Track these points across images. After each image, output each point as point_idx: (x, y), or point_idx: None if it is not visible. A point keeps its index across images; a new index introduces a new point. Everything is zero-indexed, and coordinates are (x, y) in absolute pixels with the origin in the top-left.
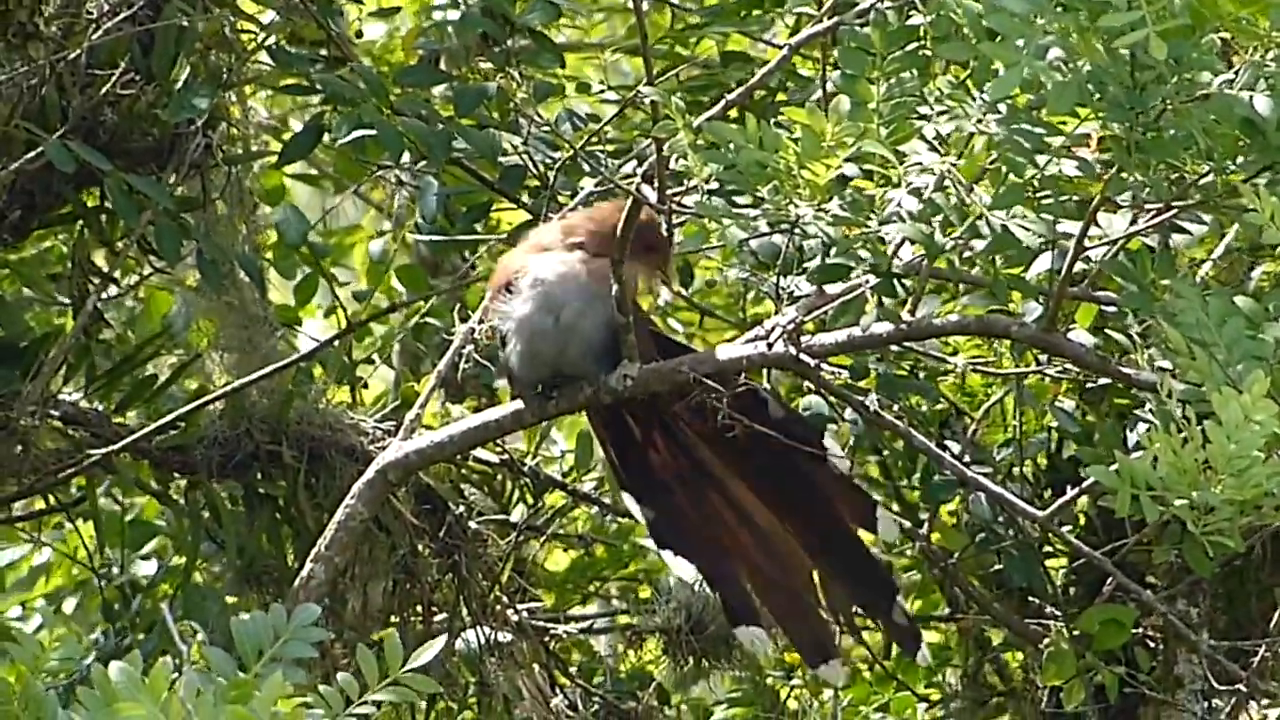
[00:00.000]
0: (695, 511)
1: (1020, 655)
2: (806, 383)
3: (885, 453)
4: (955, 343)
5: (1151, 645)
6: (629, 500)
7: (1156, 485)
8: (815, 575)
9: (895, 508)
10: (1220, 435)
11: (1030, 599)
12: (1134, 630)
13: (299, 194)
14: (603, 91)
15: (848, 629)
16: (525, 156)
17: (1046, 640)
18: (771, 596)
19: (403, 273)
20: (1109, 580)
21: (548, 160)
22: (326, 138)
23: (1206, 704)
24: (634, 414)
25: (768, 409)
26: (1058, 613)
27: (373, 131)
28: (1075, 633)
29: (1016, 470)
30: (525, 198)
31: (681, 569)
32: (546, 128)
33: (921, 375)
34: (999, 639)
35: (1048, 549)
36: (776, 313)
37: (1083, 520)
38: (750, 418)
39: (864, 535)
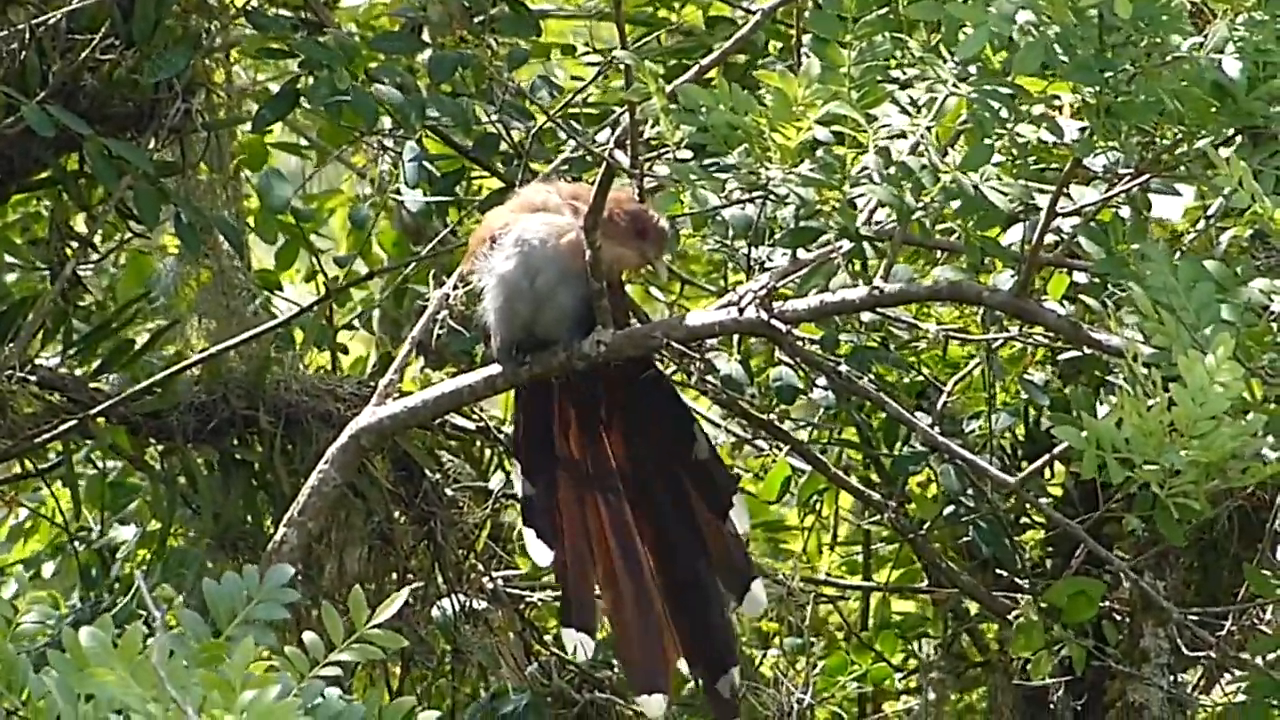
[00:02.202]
0: (575, 506)
1: (996, 626)
2: (778, 351)
3: (861, 420)
4: (934, 312)
5: (1119, 619)
6: (515, 471)
7: (1123, 448)
8: (664, 614)
9: (874, 477)
10: (1186, 397)
11: (1001, 571)
12: (1102, 604)
13: (281, 159)
14: (587, 53)
15: (688, 671)
16: (499, 125)
17: (1015, 612)
18: (618, 613)
19: (385, 238)
20: (1078, 553)
21: (521, 129)
22: (303, 102)
23: (1173, 677)
24: (570, 396)
25: (694, 445)
26: (1026, 585)
27: (347, 98)
28: (1044, 605)
29: (991, 441)
30: (500, 165)
31: (538, 553)
32: (519, 96)
33: (893, 347)
34: (976, 610)
35: (1024, 520)
36: (748, 280)
37: (1060, 493)
38: (675, 447)
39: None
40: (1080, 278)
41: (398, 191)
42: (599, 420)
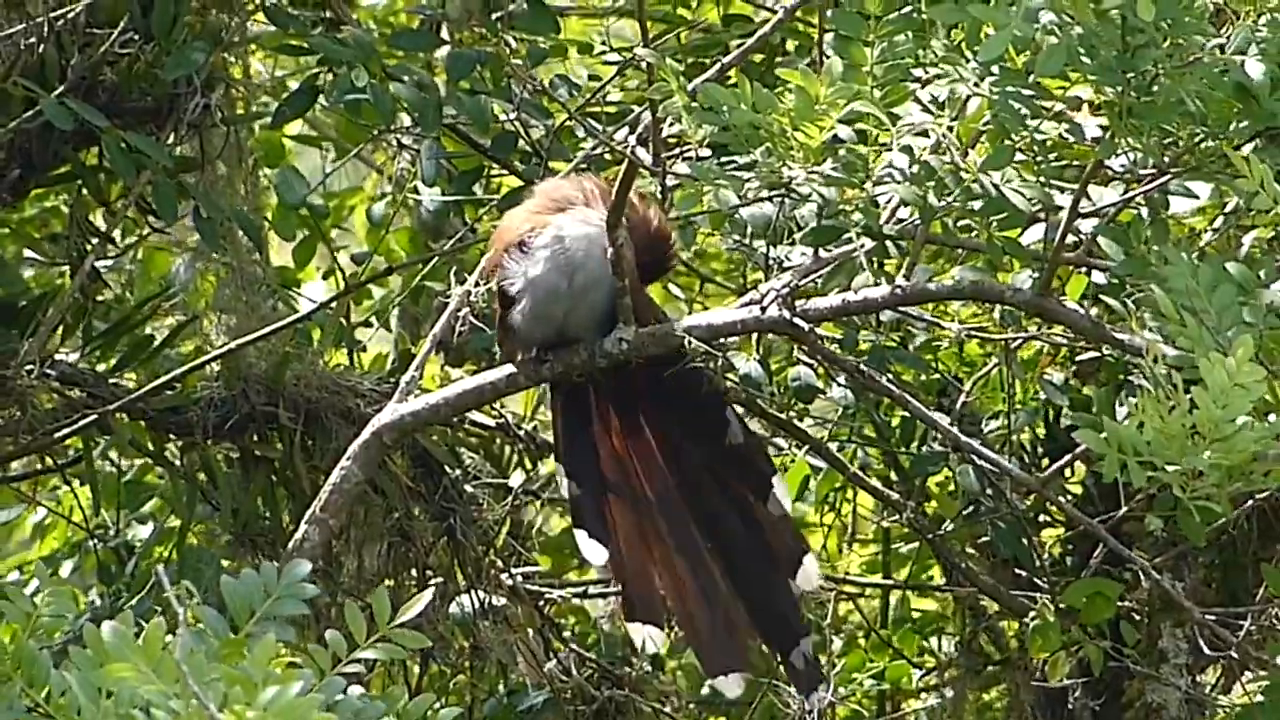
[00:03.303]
0: (624, 501)
1: (1015, 624)
2: (797, 349)
3: (880, 419)
4: (953, 311)
5: (1137, 619)
6: (560, 473)
7: (1144, 451)
8: (728, 595)
9: (893, 476)
10: (1207, 400)
11: (1020, 570)
12: (1120, 604)
13: (299, 155)
14: (604, 53)
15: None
16: (517, 124)
17: (1032, 613)
18: (681, 600)
19: (402, 236)
20: (1097, 551)
21: (539, 127)
22: (322, 99)
23: (1191, 678)
24: (606, 394)
25: (729, 430)
26: (1045, 584)
27: (365, 96)
28: (1061, 606)
29: (1011, 439)
30: (519, 164)
31: (593, 552)
32: (537, 93)
33: (913, 347)
34: (995, 608)
35: (1043, 518)
36: (768, 279)
37: (1080, 491)
38: (711, 436)
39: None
40: (1099, 277)
41: (416, 189)
42: (636, 414)
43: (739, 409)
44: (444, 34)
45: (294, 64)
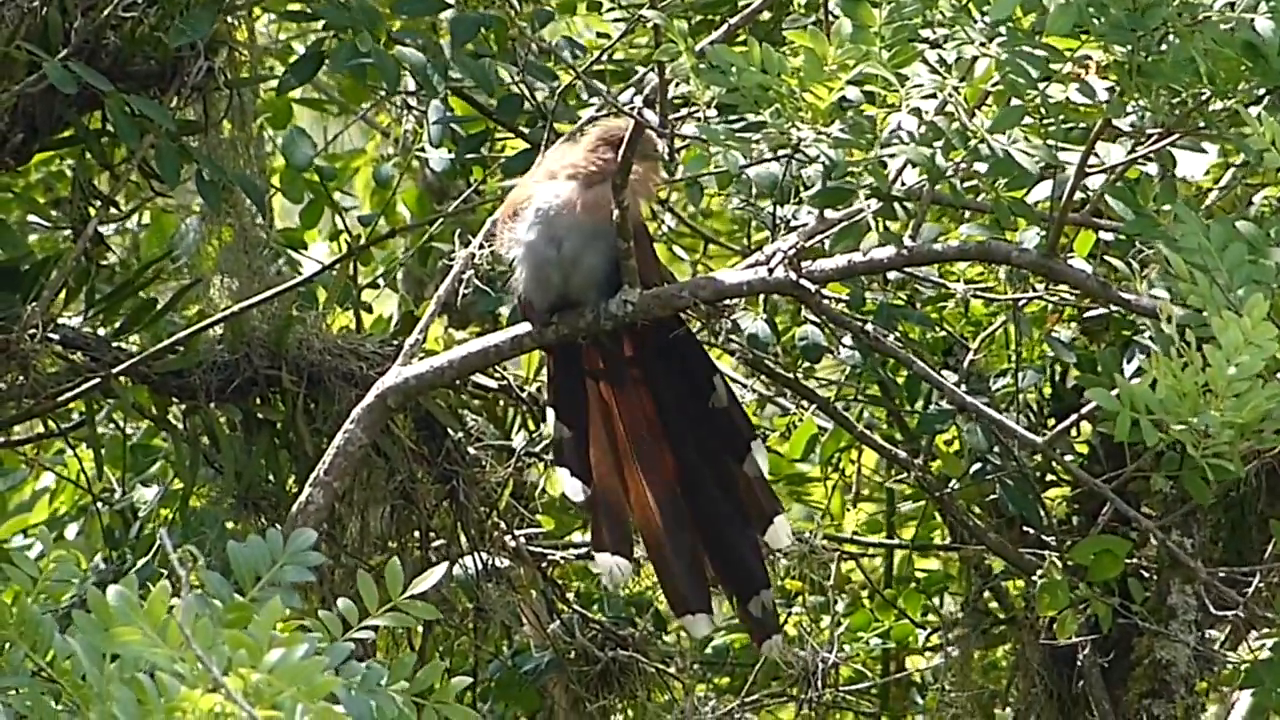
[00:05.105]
0: (606, 444)
1: (1021, 583)
2: (804, 310)
3: (887, 378)
4: (959, 271)
5: (1145, 576)
6: (550, 415)
7: (1156, 409)
8: (696, 541)
9: (899, 435)
10: (1220, 359)
11: (1028, 529)
12: (1128, 561)
13: (304, 118)
14: (613, 9)
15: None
16: (521, 86)
17: (1040, 571)
18: (653, 540)
19: (409, 196)
20: (1105, 510)
21: (545, 88)
22: (327, 64)
23: (1200, 634)
24: (598, 347)
25: (714, 394)
26: (1053, 542)
27: (370, 60)
28: (1069, 564)
29: (1018, 398)
30: (524, 126)
31: (572, 489)
32: (542, 55)
33: (919, 305)
34: (1000, 566)
35: (1050, 478)
36: (773, 240)
37: (1086, 450)
38: (696, 396)
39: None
40: (1105, 236)
41: (422, 150)
42: (626, 367)
43: (726, 374)
44: None
45: (298, 27)
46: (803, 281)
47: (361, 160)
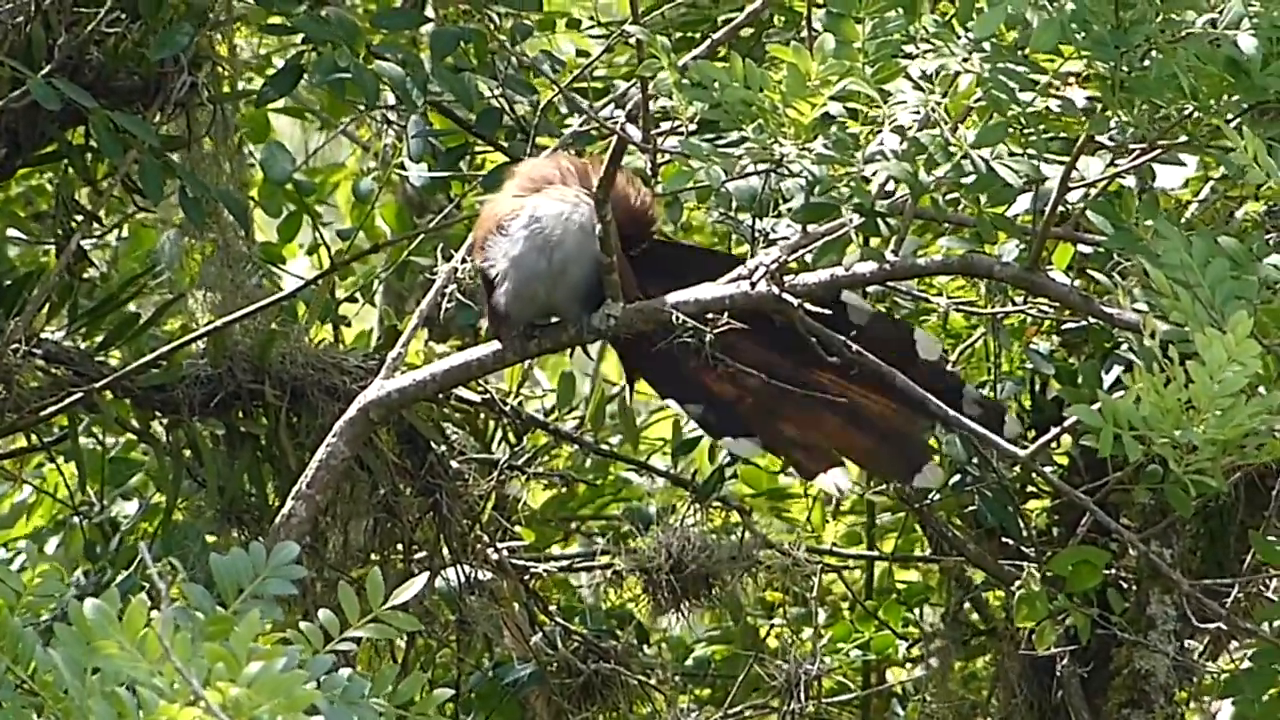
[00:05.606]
0: (734, 388)
1: (1001, 594)
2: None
3: None
4: (939, 284)
5: (1124, 587)
6: (673, 404)
7: (1139, 425)
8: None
9: None
10: (1203, 375)
11: (1007, 540)
12: (1107, 572)
13: (284, 132)
14: (591, 27)
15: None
16: (501, 100)
17: (1018, 582)
18: (838, 432)
19: (388, 211)
20: (1084, 521)
21: (524, 103)
22: (306, 78)
23: (1179, 644)
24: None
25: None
26: (1032, 553)
27: (349, 75)
28: (1048, 574)
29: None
30: (504, 140)
31: (745, 449)
32: (522, 69)
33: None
34: (980, 578)
35: (1030, 489)
36: (752, 256)
37: (1066, 461)
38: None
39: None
40: (1084, 249)
41: (401, 165)
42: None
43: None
44: (428, 10)
45: (278, 42)
46: (785, 296)
47: (341, 175)
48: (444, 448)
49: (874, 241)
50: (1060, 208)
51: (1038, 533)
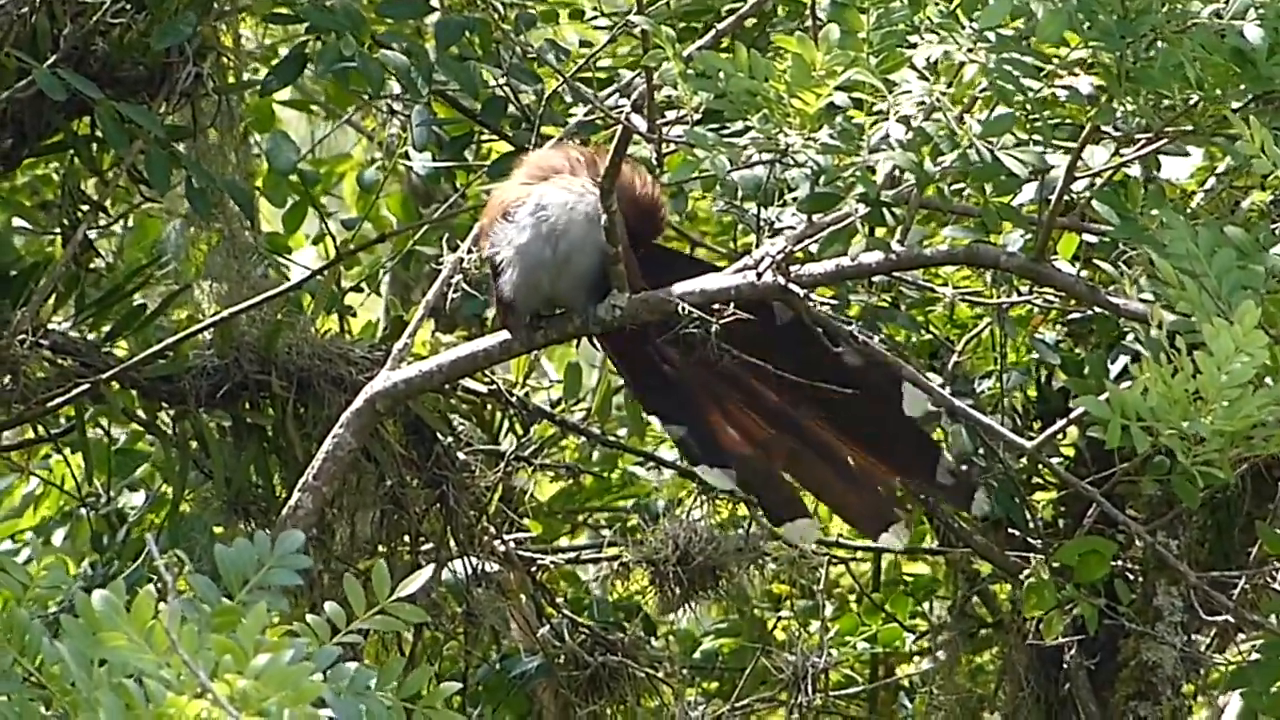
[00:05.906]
0: (720, 416)
1: (1008, 587)
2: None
3: None
4: (945, 274)
5: (1131, 578)
6: (656, 422)
7: (1147, 416)
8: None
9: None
10: (1211, 366)
11: (1013, 531)
12: (1114, 563)
13: (289, 122)
14: (596, 18)
15: (906, 494)
16: (506, 89)
17: (1026, 572)
18: (815, 475)
19: (394, 201)
20: (1090, 512)
21: (529, 92)
22: (311, 67)
23: (1186, 636)
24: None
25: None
26: (1039, 545)
27: (353, 64)
28: (1055, 565)
29: (1004, 401)
30: (509, 129)
31: (719, 480)
32: (526, 59)
33: (904, 307)
34: (987, 571)
35: (1036, 480)
36: (757, 245)
37: (1072, 453)
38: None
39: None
40: (1089, 239)
41: (406, 155)
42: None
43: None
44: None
45: (283, 31)
46: (791, 286)
47: (347, 165)
48: (450, 439)
49: (879, 231)
50: (1066, 197)
51: (1044, 524)
